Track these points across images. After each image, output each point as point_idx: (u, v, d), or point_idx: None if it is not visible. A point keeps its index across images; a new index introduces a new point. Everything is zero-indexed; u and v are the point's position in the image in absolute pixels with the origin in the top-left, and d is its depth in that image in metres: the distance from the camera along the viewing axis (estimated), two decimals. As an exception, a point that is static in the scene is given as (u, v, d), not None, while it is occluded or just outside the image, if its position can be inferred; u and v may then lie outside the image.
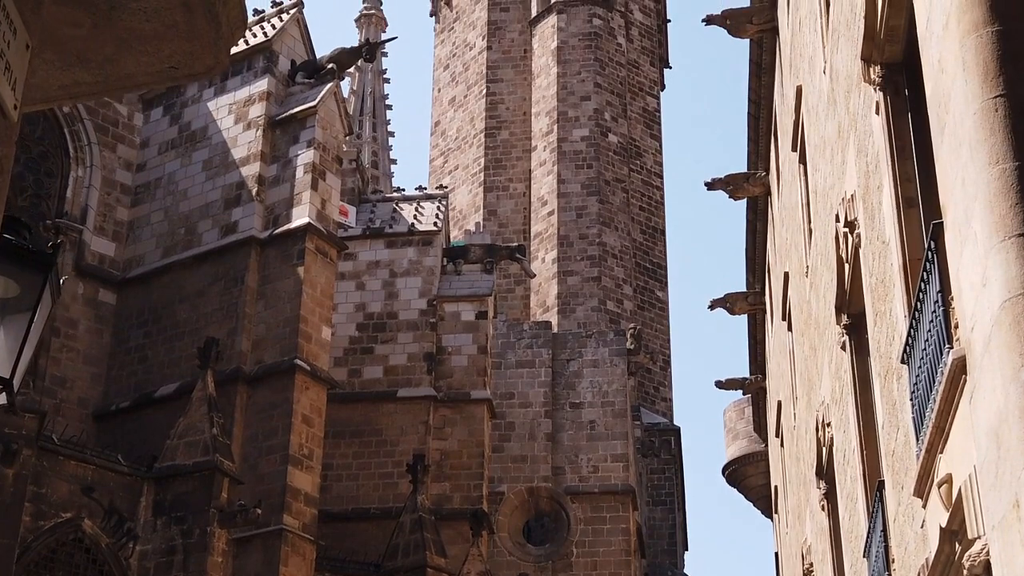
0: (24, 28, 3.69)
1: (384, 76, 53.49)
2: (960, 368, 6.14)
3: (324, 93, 26.29)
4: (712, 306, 23.55)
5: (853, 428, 10.90)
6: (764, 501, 29.81)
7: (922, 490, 7.35)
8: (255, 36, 27.34)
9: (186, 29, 3.96)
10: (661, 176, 49.94)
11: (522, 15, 50.44)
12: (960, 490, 6.33)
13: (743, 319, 25.26)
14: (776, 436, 23.56)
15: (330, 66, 27.10)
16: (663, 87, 52.22)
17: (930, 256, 6.75)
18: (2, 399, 5.07)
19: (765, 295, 22.96)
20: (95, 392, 25.58)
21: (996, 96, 5.69)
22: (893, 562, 9.12)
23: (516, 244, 36.07)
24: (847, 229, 10.44)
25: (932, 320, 6.77)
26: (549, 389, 34.71)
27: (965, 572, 6.37)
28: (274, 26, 27.46)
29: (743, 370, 27.20)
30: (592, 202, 45.85)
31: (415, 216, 32.70)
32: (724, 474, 30.80)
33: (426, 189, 35.26)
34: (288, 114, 26.26)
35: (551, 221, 45.79)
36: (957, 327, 6.29)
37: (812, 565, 16.51)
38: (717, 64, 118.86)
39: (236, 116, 26.67)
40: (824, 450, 13.54)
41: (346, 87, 47.46)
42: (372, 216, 32.60)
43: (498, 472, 33.14)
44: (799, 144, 15.13)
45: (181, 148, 27.22)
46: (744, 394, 28.05)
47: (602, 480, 34.03)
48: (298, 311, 24.25)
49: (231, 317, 24.65)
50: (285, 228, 25.12)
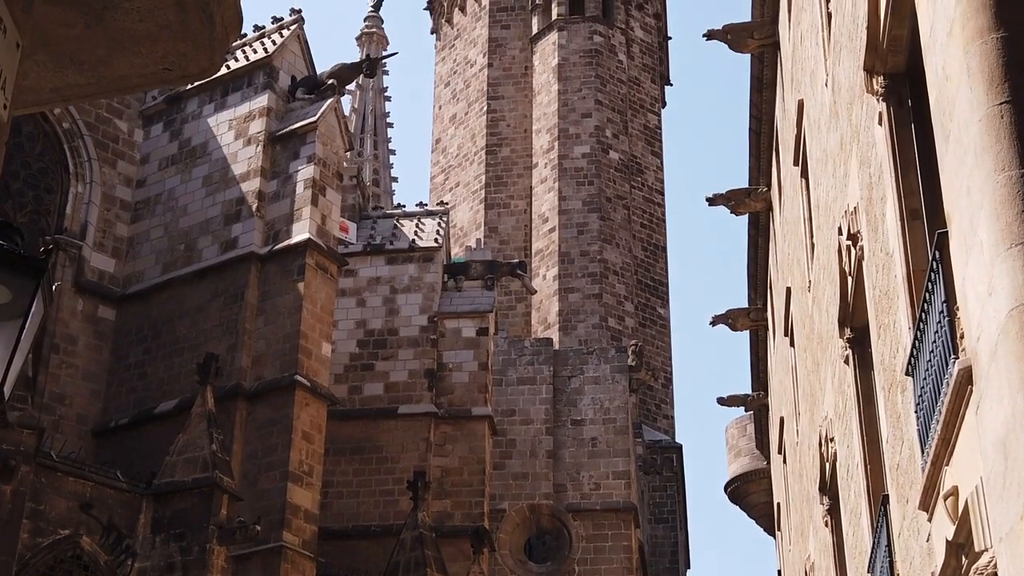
0: (15, 27, 3.63)
1: (385, 94, 53.54)
2: (966, 378, 6.06)
3: (324, 109, 26.28)
4: (714, 322, 23.48)
5: (857, 442, 10.82)
6: (767, 518, 29.69)
7: (927, 503, 7.27)
8: (255, 52, 27.36)
9: (180, 29, 3.90)
10: (662, 193, 49.94)
11: (523, 32, 50.51)
12: (967, 502, 6.24)
13: (745, 335, 25.18)
14: (779, 453, 23.47)
15: (330, 82, 27.09)
16: (664, 104, 52.27)
17: (935, 266, 6.68)
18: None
19: (767, 311, 22.89)
20: (94, 408, 25.49)
21: (1001, 103, 5.64)
22: (898, 577, 9.03)
23: (517, 260, 36.04)
24: (850, 242, 10.38)
25: (937, 331, 6.70)
26: (550, 406, 34.63)
27: (972, 586, 6.29)
28: (274, 42, 27.46)
29: (745, 387, 27.10)
30: (593, 219, 45.84)
31: (416, 232, 32.66)
32: (726, 491, 30.69)
33: (427, 206, 35.22)
34: (288, 130, 26.24)
35: (552, 238, 45.77)
36: (963, 337, 6.22)
37: (815, 582, 16.39)
38: (718, 81, 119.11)
39: (236, 132, 26.65)
40: (827, 465, 13.45)
41: (347, 105, 47.54)
42: (373, 232, 32.56)
43: (499, 489, 33.02)
44: (801, 158, 15.08)
45: (181, 164, 27.19)
46: (746, 411, 27.95)
47: (604, 497, 33.91)
48: (298, 327, 24.18)
49: (231, 333, 24.58)
50: (285, 244, 25.07)
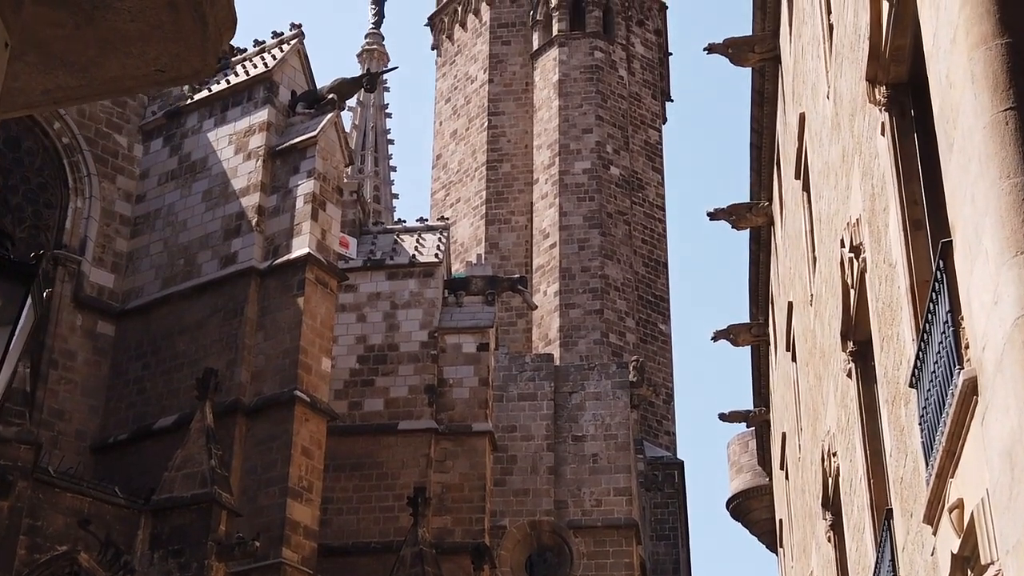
0: (3, 27, 3.57)
1: (386, 111, 53.60)
2: (971, 389, 6.00)
3: (325, 123, 26.25)
4: (715, 338, 23.39)
5: (860, 456, 10.74)
6: (769, 535, 29.56)
7: (932, 516, 7.19)
8: (255, 67, 27.36)
9: (172, 30, 3.84)
10: (663, 209, 49.91)
11: (523, 48, 50.57)
12: (972, 515, 6.17)
13: (746, 351, 25.10)
14: (781, 469, 23.36)
15: (331, 96, 27.06)
16: (665, 120, 52.30)
17: (939, 276, 6.62)
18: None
19: (769, 326, 22.82)
20: (93, 424, 25.40)
21: (1006, 109, 5.59)
22: (902, 592, 8.94)
23: (518, 276, 35.98)
24: (852, 254, 10.32)
25: (942, 341, 6.63)
26: (551, 422, 34.53)
27: (978, 599, 6.20)
28: (275, 56, 27.45)
29: (747, 403, 27.04)
30: (594, 235, 45.81)
31: (416, 248, 32.60)
32: (728, 508, 30.57)
33: (427, 221, 35.16)
34: (288, 144, 26.20)
35: (553, 254, 45.73)
36: (967, 347, 6.16)
37: (818, 598, 16.28)
38: (718, 96, 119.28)
39: (236, 146, 26.61)
40: (830, 480, 13.37)
41: (348, 122, 47.56)
42: (373, 248, 32.50)
43: (500, 505, 32.89)
44: (802, 171, 15.04)
45: (181, 179, 27.15)
46: (748, 427, 27.84)
47: (605, 514, 33.79)
48: (298, 342, 24.10)
49: (230, 348, 24.50)
50: (285, 259, 25.01)
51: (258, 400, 24.04)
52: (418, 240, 32.97)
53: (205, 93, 27.72)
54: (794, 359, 17.89)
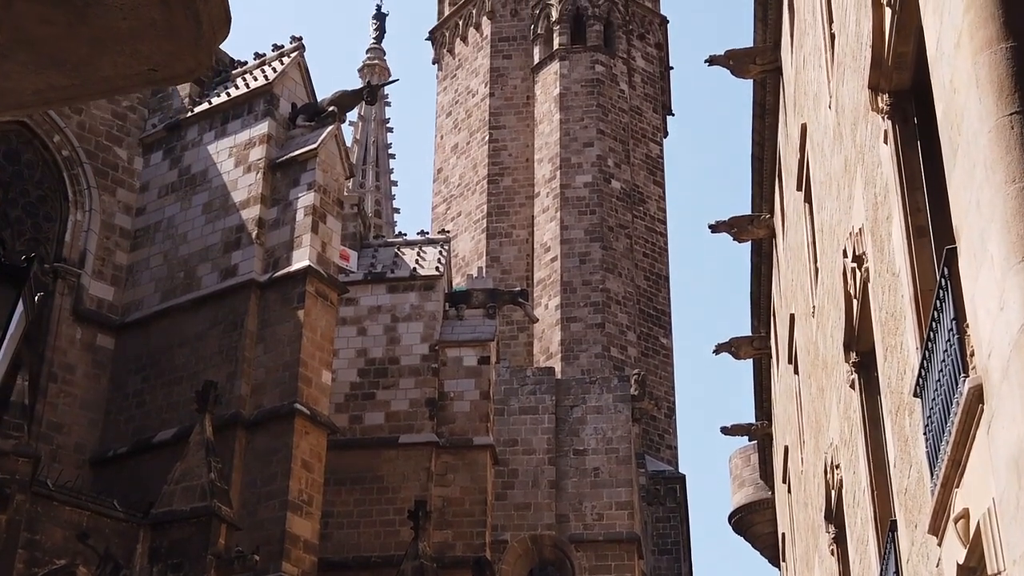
0: (-9, 21, 3.51)
1: (387, 125, 53.57)
2: (977, 397, 5.92)
3: (325, 136, 26.22)
4: (717, 351, 23.31)
5: (863, 468, 10.66)
6: (771, 549, 29.44)
7: (937, 527, 7.10)
8: (255, 79, 27.35)
9: (165, 27, 3.78)
10: (664, 222, 49.88)
11: (524, 62, 50.61)
12: (978, 524, 6.08)
13: (748, 364, 25.02)
14: (783, 482, 23.26)
15: (331, 109, 27.04)
16: (666, 134, 52.31)
17: (943, 283, 6.54)
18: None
19: (770, 339, 22.75)
20: (92, 438, 25.31)
21: (1012, 113, 5.53)
22: (906, 604, 8.85)
23: (519, 289, 35.93)
24: (855, 264, 10.25)
25: (946, 349, 6.55)
26: (553, 436, 34.44)
27: (985, 610, 6.11)
28: (275, 69, 27.44)
29: (749, 416, 26.95)
30: (595, 248, 45.76)
31: (417, 261, 32.56)
32: (730, 522, 30.47)
33: (428, 234, 35.10)
34: (288, 157, 26.17)
35: (554, 267, 45.68)
36: (973, 355, 6.08)
37: (821, 612, 16.17)
38: (719, 109, 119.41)
39: (236, 159, 26.58)
40: (833, 493, 13.29)
41: (349, 136, 47.55)
42: (374, 261, 32.45)
43: (501, 520, 32.79)
44: (804, 183, 14.98)
45: (181, 192, 27.11)
46: (750, 440, 27.76)
47: (607, 528, 33.69)
48: (298, 355, 24.03)
49: (230, 361, 24.43)
50: (285, 271, 24.95)
51: (258, 413, 23.96)
52: (419, 253, 32.92)
53: (205, 106, 27.72)
54: (796, 371, 17.82)
